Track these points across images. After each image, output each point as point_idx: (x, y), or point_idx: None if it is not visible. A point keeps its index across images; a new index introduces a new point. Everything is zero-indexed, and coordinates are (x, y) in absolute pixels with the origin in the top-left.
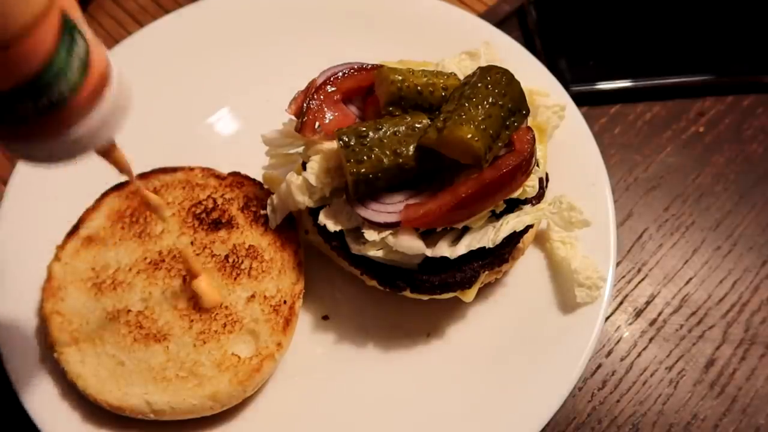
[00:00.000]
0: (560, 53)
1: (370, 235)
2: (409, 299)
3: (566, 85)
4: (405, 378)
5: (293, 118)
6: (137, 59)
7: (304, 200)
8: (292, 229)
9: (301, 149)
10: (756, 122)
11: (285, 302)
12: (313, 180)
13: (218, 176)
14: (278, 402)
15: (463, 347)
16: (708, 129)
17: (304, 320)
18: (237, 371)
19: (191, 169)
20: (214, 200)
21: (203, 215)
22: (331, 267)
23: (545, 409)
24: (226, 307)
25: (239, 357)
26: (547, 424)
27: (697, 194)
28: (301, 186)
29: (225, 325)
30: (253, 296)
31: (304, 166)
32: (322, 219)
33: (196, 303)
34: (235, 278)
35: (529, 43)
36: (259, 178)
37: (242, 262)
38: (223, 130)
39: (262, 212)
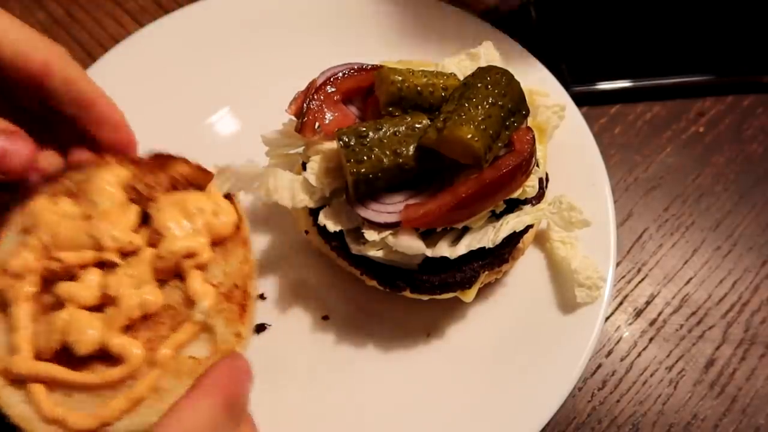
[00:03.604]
0: (560, 53)
1: (370, 235)
2: (409, 299)
3: (566, 85)
4: (405, 378)
5: (293, 118)
6: (137, 59)
7: (304, 200)
8: (230, 201)
9: (301, 149)
10: (756, 122)
11: (237, 287)
12: (313, 180)
13: (137, 161)
14: (278, 402)
15: (463, 347)
16: (708, 129)
17: (304, 320)
18: (197, 375)
19: (105, 156)
20: (136, 189)
21: None
22: (331, 267)
23: (545, 409)
24: (171, 306)
25: (197, 359)
26: (547, 424)
27: (697, 194)
28: (301, 186)
29: (173, 327)
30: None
31: (304, 166)
32: (322, 219)
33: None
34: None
35: (529, 43)
36: None
37: None
38: (223, 130)
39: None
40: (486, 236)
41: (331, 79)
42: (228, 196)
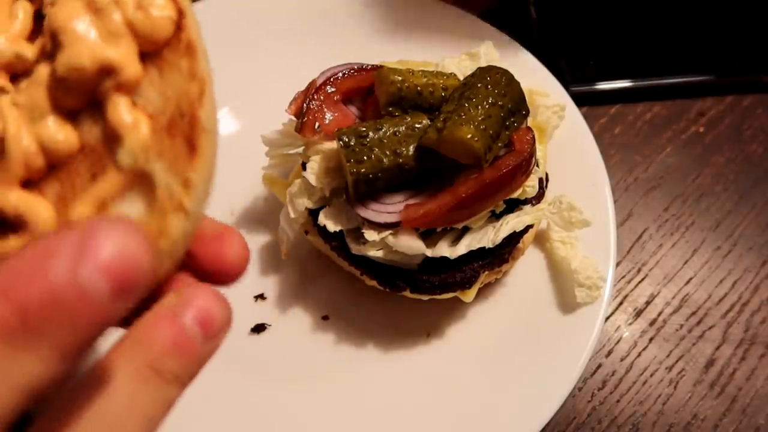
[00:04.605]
0: (560, 53)
1: (370, 235)
2: (409, 299)
3: (566, 85)
4: (405, 378)
5: (293, 118)
6: None
7: (303, 202)
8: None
9: (301, 149)
10: (756, 122)
11: (182, 115)
12: (313, 180)
13: None
14: (277, 402)
15: (463, 347)
16: (708, 129)
17: (304, 320)
18: None
19: None
20: None
21: None
22: (331, 267)
23: (545, 409)
24: (89, 148)
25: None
26: (547, 424)
27: (697, 194)
28: (300, 188)
29: (94, 174)
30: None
31: (304, 167)
32: (322, 219)
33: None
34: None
35: (529, 43)
36: (259, 178)
37: None
38: (223, 130)
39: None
40: (486, 236)
41: (331, 79)
42: None
